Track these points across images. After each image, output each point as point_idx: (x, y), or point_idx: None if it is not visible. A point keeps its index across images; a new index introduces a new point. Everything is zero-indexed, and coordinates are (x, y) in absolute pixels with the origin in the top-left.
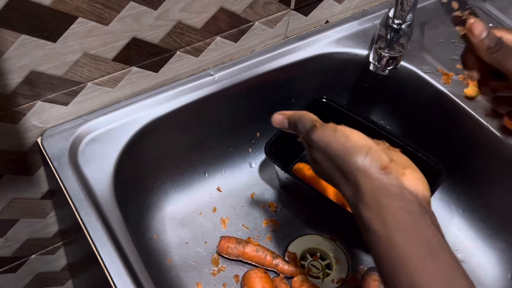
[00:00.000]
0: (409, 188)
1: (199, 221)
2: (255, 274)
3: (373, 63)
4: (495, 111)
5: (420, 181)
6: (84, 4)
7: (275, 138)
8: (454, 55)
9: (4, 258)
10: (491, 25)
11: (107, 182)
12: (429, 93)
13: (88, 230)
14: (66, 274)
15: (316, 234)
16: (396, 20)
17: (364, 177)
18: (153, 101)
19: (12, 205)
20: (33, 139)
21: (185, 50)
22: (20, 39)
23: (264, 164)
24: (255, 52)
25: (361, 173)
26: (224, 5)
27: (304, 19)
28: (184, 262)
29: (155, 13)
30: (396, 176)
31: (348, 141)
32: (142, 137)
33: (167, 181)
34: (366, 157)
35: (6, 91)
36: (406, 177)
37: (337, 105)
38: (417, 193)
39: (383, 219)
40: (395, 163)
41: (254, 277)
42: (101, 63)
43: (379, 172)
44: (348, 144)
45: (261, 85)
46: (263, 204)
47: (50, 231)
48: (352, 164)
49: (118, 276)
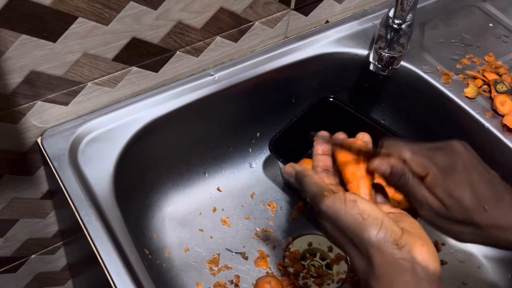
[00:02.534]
0: (420, 262)
1: (199, 221)
2: (268, 284)
3: (373, 63)
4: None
5: (432, 254)
6: (84, 4)
7: (279, 135)
8: (454, 55)
9: (4, 258)
10: (491, 25)
11: (107, 182)
12: (429, 93)
13: (88, 230)
14: (66, 274)
15: (316, 234)
16: (396, 20)
17: (376, 251)
18: (153, 101)
19: (12, 205)
20: (33, 139)
21: (185, 50)
22: (20, 39)
23: (264, 164)
24: (255, 52)
25: (374, 248)
26: (224, 5)
27: (304, 19)
28: (184, 262)
29: (155, 13)
30: (409, 250)
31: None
32: (142, 137)
33: (167, 181)
34: (379, 232)
35: (6, 91)
36: (418, 250)
37: (344, 105)
38: (428, 268)
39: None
40: (408, 235)
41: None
42: (101, 63)
43: (392, 247)
44: (360, 218)
45: (261, 85)
46: (263, 204)
47: (50, 231)
48: (365, 239)
49: (118, 276)
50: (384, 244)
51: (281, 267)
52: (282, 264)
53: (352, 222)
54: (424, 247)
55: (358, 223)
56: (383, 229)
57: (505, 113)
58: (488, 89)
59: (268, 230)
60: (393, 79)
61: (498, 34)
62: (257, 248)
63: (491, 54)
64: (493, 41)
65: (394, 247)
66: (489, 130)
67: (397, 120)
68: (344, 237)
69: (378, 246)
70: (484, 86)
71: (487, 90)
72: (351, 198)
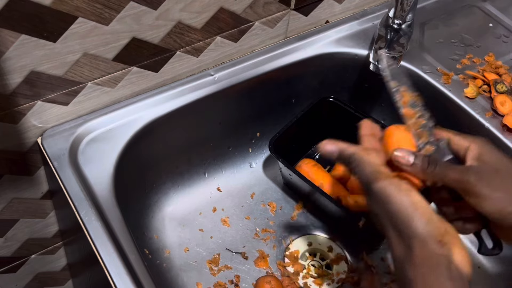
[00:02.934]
0: (457, 263)
1: (199, 221)
2: (268, 284)
3: (373, 63)
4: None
5: (467, 259)
6: (84, 4)
7: (279, 135)
8: (454, 55)
9: (4, 258)
10: (491, 25)
11: (107, 182)
12: (429, 93)
13: (88, 230)
14: (66, 274)
15: (316, 234)
16: (396, 20)
17: (419, 243)
18: (153, 101)
19: (12, 205)
20: (33, 139)
21: (185, 50)
22: (20, 39)
23: (264, 164)
24: (255, 52)
25: (417, 239)
26: (224, 5)
27: (304, 19)
28: (184, 262)
29: (155, 13)
30: (449, 249)
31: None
32: (142, 137)
33: (167, 181)
34: (426, 226)
35: (6, 91)
36: (457, 252)
37: (344, 105)
38: (462, 270)
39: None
40: (450, 235)
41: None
42: (101, 63)
43: (435, 242)
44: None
45: (261, 85)
46: (263, 204)
47: (50, 231)
48: (411, 229)
49: (118, 276)
50: (429, 237)
51: (281, 267)
52: (282, 264)
53: (403, 210)
54: (463, 251)
55: (409, 212)
56: (430, 223)
57: (505, 113)
58: (488, 89)
59: (268, 230)
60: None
61: (498, 34)
62: (257, 248)
63: (491, 54)
64: (493, 41)
65: (436, 243)
66: (489, 130)
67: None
68: (390, 221)
69: (422, 238)
70: (484, 86)
71: (487, 90)
72: (406, 187)
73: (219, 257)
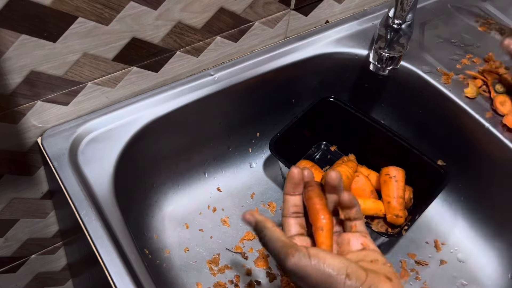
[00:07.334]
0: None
1: (199, 221)
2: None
3: (373, 63)
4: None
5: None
6: (84, 4)
7: (280, 134)
8: (454, 55)
9: (4, 258)
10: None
11: (107, 182)
12: (429, 93)
13: (88, 230)
14: (66, 274)
15: None
16: (396, 20)
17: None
18: (153, 101)
19: (12, 205)
20: (33, 139)
21: (185, 50)
22: (20, 39)
23: (264, 164)
24: (255, 52)
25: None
26: (224, 5)
27: (304, 19)
28: (184, 262)
29: (155, 13)
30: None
31: (325, 269)
32: (142, 137)
33: (167, 181)
34: (346, 282)
35: (6, 91)
36: (382, 286)
37: (344, 105)
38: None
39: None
40: (372, 274)
41: None
42: (101, 63)
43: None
44: (326, 273)
45: (261, 85)
46: (263, 204)
47: (50, 231)
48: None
49: (118, 276)
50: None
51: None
52: None
53: (320, 278)
54: (387, 282)
55: (326, 277)
56: (349, 279)
57: (505, 113)
58: (488, 89)
59: None
60: (393, 79)
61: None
62: (257, 248)
63: (491, 54)
64: (493, 41)
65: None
66: (489, 130)
67: (397, 120)
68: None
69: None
70: (484, 86)
71: (487, 90)
72: (314, 253)
73: (219, 257)
